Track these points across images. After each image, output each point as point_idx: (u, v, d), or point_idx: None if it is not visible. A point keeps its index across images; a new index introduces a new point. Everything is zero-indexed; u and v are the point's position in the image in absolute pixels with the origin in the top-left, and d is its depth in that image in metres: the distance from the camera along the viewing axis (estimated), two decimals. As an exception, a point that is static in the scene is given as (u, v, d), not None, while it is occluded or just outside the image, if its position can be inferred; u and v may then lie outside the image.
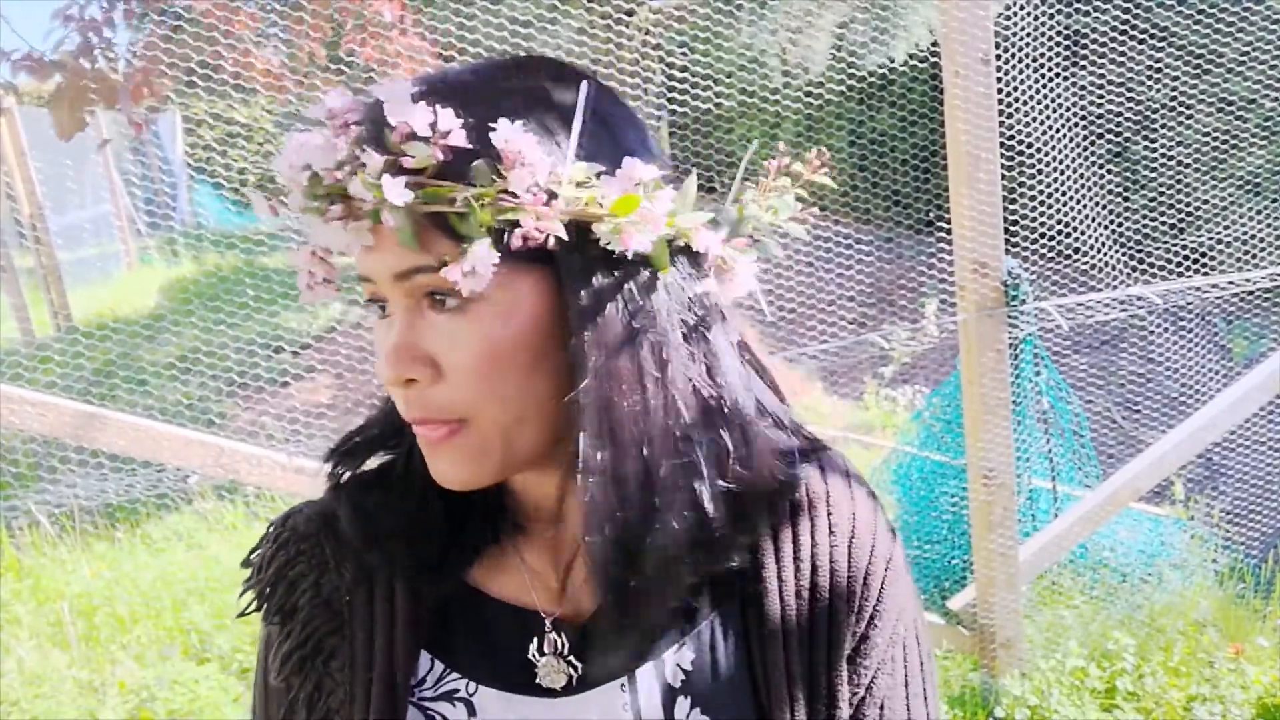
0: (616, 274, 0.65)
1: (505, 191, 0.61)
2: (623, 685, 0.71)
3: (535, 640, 0.73)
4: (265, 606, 0.77)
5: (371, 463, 0.76)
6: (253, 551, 0.80)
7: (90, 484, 3.29)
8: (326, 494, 0.77)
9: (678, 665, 0.72)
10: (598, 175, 0.63)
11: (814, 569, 0.73)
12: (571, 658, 0.72)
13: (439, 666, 0.74)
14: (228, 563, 3.74)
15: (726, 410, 0.68)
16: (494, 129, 0.60)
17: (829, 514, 0.75)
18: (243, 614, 0.78)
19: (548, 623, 0.73)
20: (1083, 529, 2.89)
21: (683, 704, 0.71)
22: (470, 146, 0.60)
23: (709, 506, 0.67)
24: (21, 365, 3.13)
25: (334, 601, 0.75)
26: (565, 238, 0.62)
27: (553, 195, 0.62)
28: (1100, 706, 2.69)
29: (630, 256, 0.63)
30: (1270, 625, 3.04)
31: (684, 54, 3.30)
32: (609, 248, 0.64)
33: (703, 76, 3.28)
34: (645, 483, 0.65)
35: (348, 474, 0.76)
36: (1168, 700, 2.66)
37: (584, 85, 0.65)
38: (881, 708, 0.74)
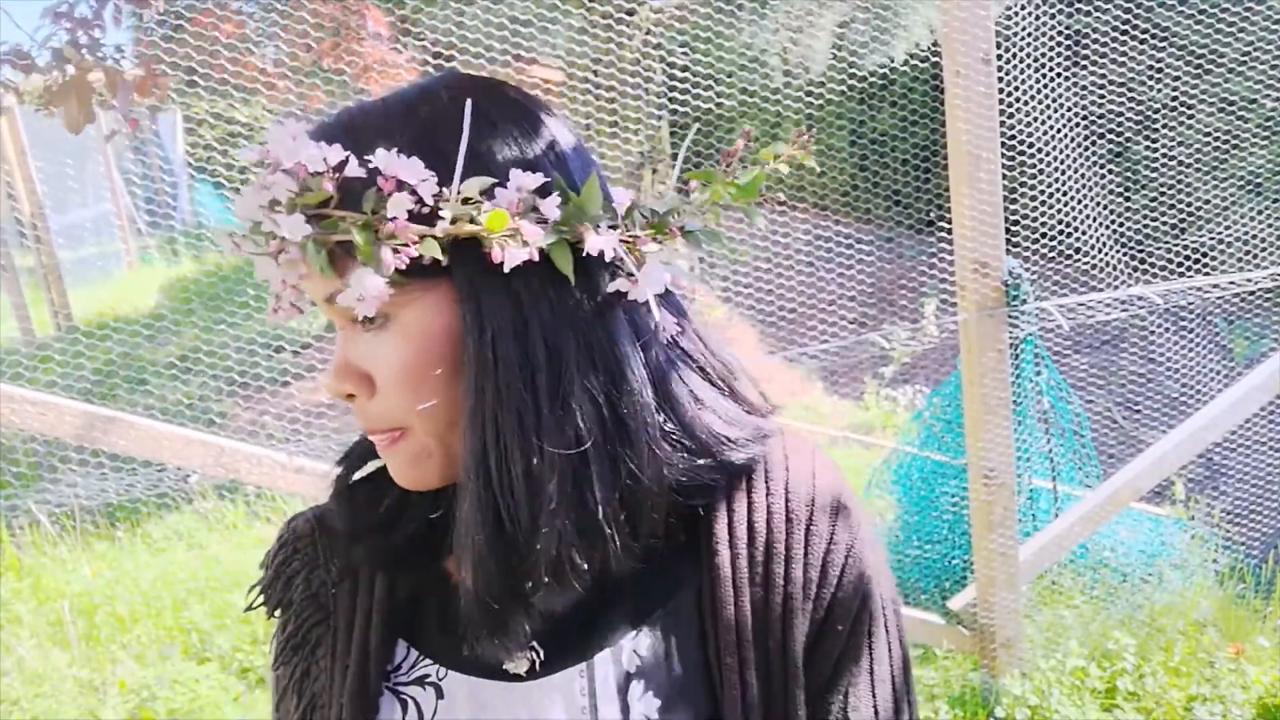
0: (509, 286, 0.67)
1: (384, 216, 0.64)
2: (581, 671, 0.74)
3: None
4: (266, 600, 0.84)
5: (370, 466, 0.80)
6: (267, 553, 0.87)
7: (91, 483, 3.29)
8: (329, 496, 0.82)
9: (634, 651, 0.74)
10: (487, 190, 0.65)
11: (768, 556, 0.74)
12: (535, 644, 0.74)
13: (413, 653, 0.79)
14: (228, 562, 3.74)
15: (626, 415, 0.69)
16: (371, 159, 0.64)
17: (787, 502, 0.76)
18: (248, 609, 0.84)
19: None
20: (1083, 529, 2.89)
21: (636, 688, 0.73)
22: (363, 176, 0.64)
23: (600, 510, 0.68)
24: (22, 365, 3.13)
25: (321, 595, 0.82)
26: (440, 257, 0.64)
27: (436, 216, 0.65)
28: (1101, 706, 2.69)
29: (518, 267, 0.65)
30: (1270, 625, 3.04)
31: (684, 54, 3.30)
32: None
33: (703, 76, 3.28)
34: (530, 490, 0.67)
35: (343, 476, 0.81)
36: (1168, 700, 2.66)
37: (468, 103, 0.67)
38: (845, 696, 0.75)
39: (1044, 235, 3.57)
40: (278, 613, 0.84)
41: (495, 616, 0.70)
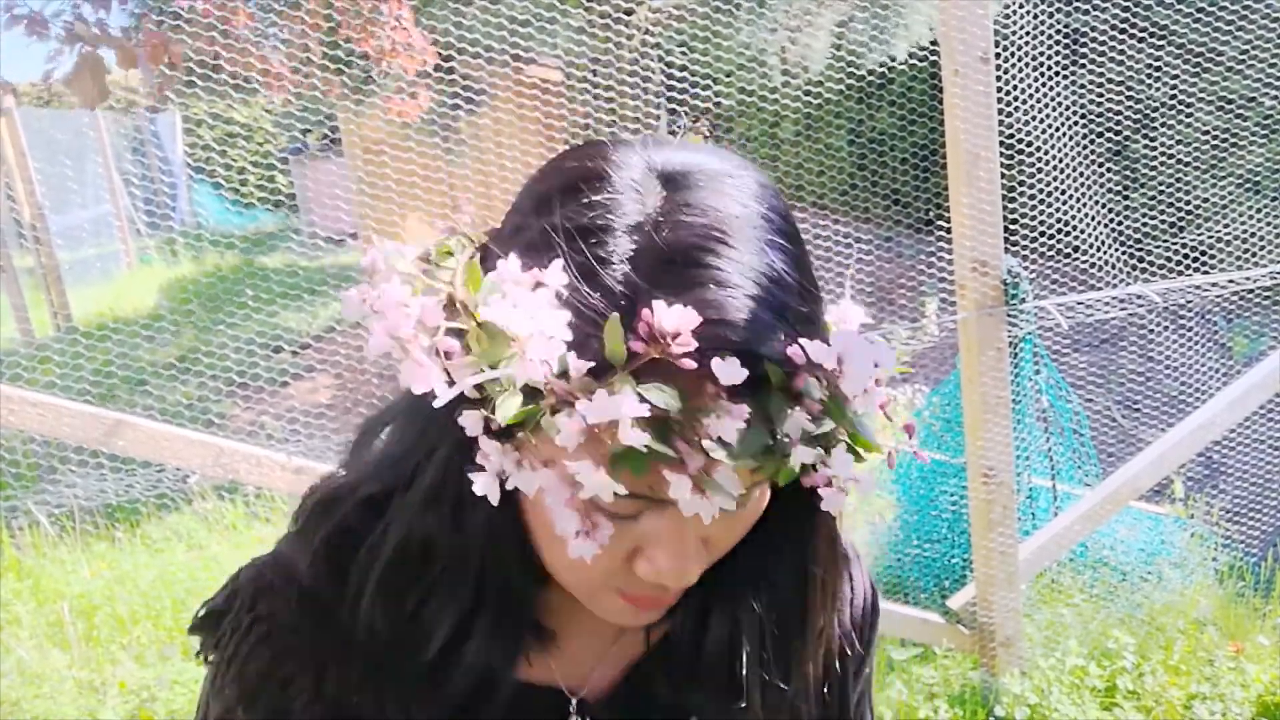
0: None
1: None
2: None
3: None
4: (238, 696, 0.67)
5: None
6: (208, 621, 0.69)
7: (90, 484, 3.29)
8: (313, 560, 0.67)
9: None
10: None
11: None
12: None
13: None
14: (228, 563, 3.74)
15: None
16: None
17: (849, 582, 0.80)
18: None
19: (573, 705, 0.71)
20: (1082, 527, 2.89)
21: None
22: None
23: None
24: (21, 365, 3.13)
25: (343, 702, 0.66)
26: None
27: None
28: (1100, 705, 2.69)
29: None
30: (1270, 624, 3.04)
31: (683, 53, 3.30)
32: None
33: (702, 76, 3.28)
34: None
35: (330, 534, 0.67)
36: (1168, 699, 2.66)
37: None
38: (860, 704, 0.81)
39: (1043, 234, 3.57)
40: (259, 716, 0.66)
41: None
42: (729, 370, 0.49)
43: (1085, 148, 3.68)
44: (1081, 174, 3.61)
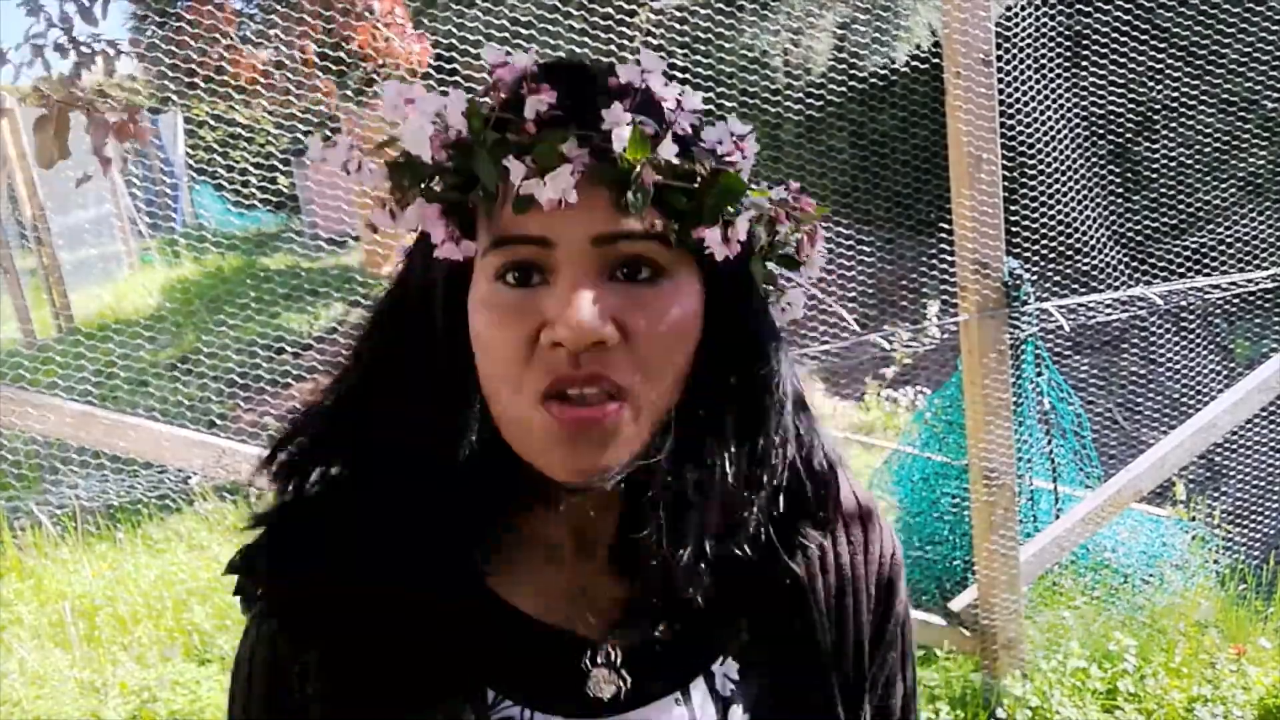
0: (750, 272, 0.69)
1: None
2: (677, 699, 0.71)
3: (587, 657, 0.71)
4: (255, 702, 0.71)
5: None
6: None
7: (92, 485, 3.30)
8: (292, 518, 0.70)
9: (726, 677, 0.73)
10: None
11: (843, 583, 0.76)
12: (623, 670, 0.71)
13: (489, 694, 0.70)
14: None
15: (806, 414, 0.72)
16: (724, 118, 0.65)
17: (864, 530, 0.78)
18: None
19: (600, 653, 0.71)
20: (1084, 530, 2.89)
21: (735, 712, 0.72)
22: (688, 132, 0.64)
23: (774, 522, 0.70)
24: (23, 366, 3.13)
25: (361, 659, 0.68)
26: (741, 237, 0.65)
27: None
28: (1101, 707, 2.69)
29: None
30: (1272, 626, 3.04)
31: (685, 55, 3.30)
32: (758, 247, 0.69)
33: (704, 78, 3.29)
34: (738, 494, 0.67)
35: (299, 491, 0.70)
36: (1169, 701, 2.66)
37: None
38: (888, 682, 0.80)
39: (1044, 236, 3.57)
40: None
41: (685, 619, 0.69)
42: (524, 58, 0.64)
43: (1087, 150, 3.68)
44: (1083, 176, 3.61)
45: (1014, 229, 3.25)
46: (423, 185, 0.65)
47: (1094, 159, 3.72)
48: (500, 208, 0.63)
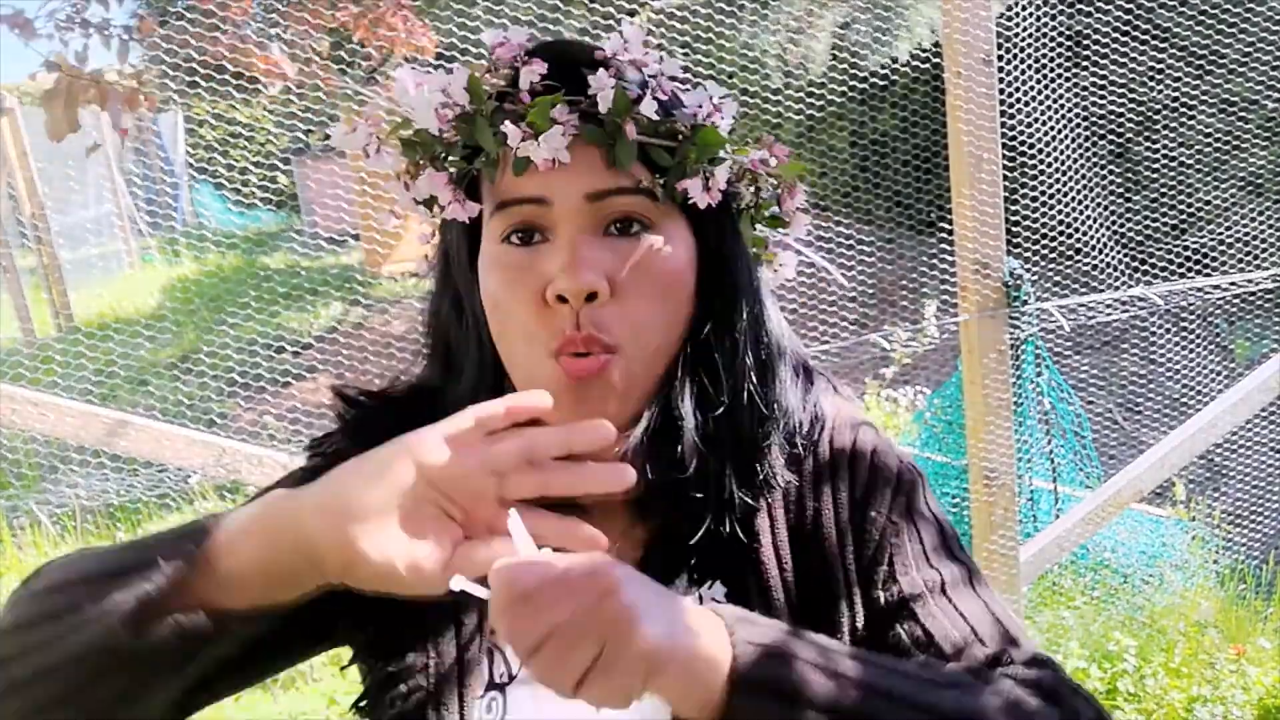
0: (737, 228, 0.74)
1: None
2: None
3: None
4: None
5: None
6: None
7: (92, 484, 3.29)
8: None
9: (713, 599, 0.75)
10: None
11: (819, 508, 0.78)
12: None
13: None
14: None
15: (786, 357, 0.77)
16: (702, 84, 0.72)
17: (852, 473, 0.79)
18: None
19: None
20: (1084, 530, 2.89)
21: None
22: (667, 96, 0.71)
23: (774, 455, 0.74)
24: (23, 365, 3.13)
25: None
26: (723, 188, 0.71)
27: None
28: (1101, 707, 2.69)
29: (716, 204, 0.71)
30: (1272, 626, 3.04)
31: (685, 54, 3.30)
32: (744, 205, 0.75)
33: (704, 77, 3.28)
34: (734, 429, 0.72)
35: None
36: (1169, 701, 2.66)
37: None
38: (891, 566, 0.78)
39: (1045, 236, 3.57)
40: None
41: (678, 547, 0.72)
42: (519, 34, 0.72)
43: (1087, 150, 3.67)
44: (1083, 176, 3.61)
45: (1014, 229, 3.25)
46: (433, 158, 0.72)
47: (1094, 159, 3.72)
48: (502, 175, 0.70)
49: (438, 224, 0.78)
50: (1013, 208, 2.88)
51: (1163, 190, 4.02)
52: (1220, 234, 4.02)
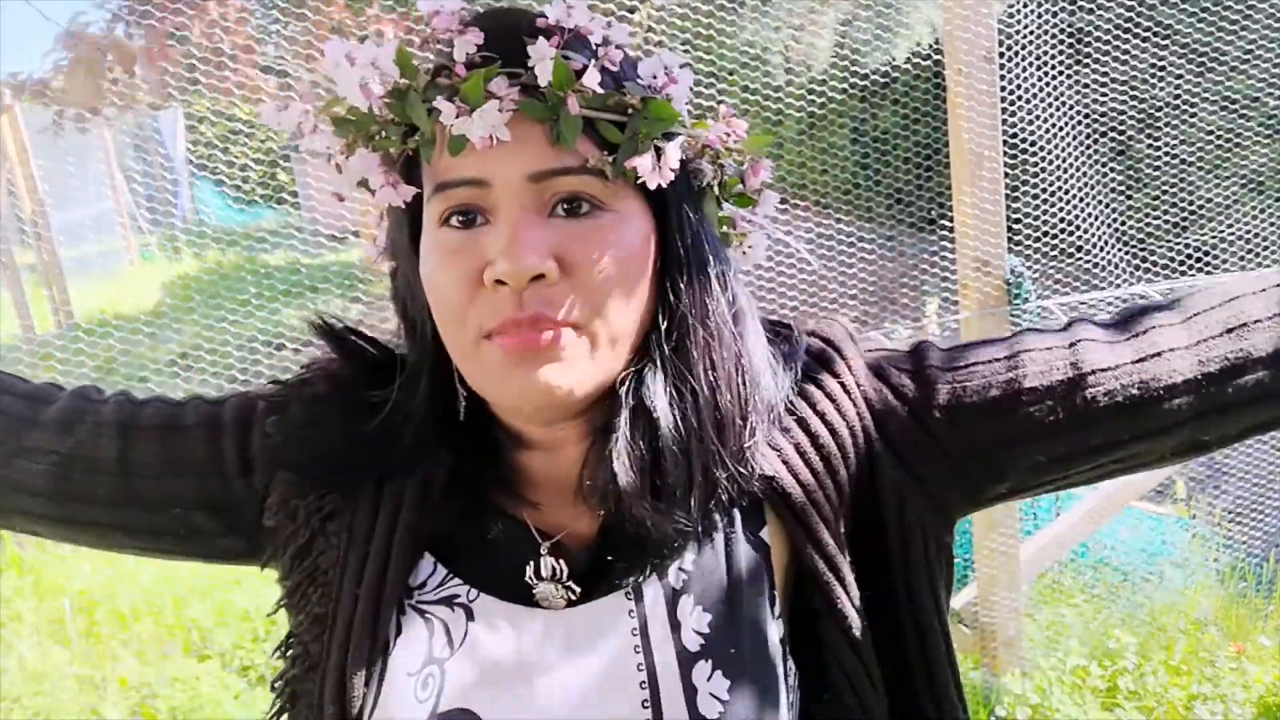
0: (700, 207, 0.70)
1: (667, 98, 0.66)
2: (627, 594, 0.71)
3: (532, 564, 0.72)
4: (282, 403, 0.78)
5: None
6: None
7: (92, 481, 3.28)
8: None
9: (679, 568, 0.72)
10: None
11: (816, 466, 0.74)
12: (570, 583, 0.72)
13: (440, 570, 0.73)
14: (229, 560, 3.73)
15: (758, 338, 0.73)
16: (653, 51, 0.67)
17: (834, 407, 0.75)
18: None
19: (544, 547, 0.72)
20: (1084, 527, 2.89)
21: (685, 602, 0.71)
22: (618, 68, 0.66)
23: (748, 438, 0.70)
24: (23, 362, 3.13)
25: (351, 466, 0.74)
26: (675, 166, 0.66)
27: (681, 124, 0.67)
28: (1101, 705, 2.69)
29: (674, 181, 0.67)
30: (1272, 624, 3.04)
31: (686, 51, 3.29)
32: (706, 183, 0.70)
33: (705, 74, 3.28)
34: (707, 414, 0.68)
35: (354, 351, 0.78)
36: (1169, 699, 2.66)
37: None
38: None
39: (1045, 234, 3.56)
40: (291, 427, 0.76)
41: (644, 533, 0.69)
42: (454, 2, 0.65)
43: (1088, 147, 3.67)
44: (1084, 173, 3.61)
45: (1015, 226, 3.25)
46: (368, 137, 0.67)
47: (1095, 156, 3.72)
48: (439, 155, 0.65)
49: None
50: (1014, 205, 2.88)
51: (1164, 188, 4.02)
52: (1221, 232, 4.02)
